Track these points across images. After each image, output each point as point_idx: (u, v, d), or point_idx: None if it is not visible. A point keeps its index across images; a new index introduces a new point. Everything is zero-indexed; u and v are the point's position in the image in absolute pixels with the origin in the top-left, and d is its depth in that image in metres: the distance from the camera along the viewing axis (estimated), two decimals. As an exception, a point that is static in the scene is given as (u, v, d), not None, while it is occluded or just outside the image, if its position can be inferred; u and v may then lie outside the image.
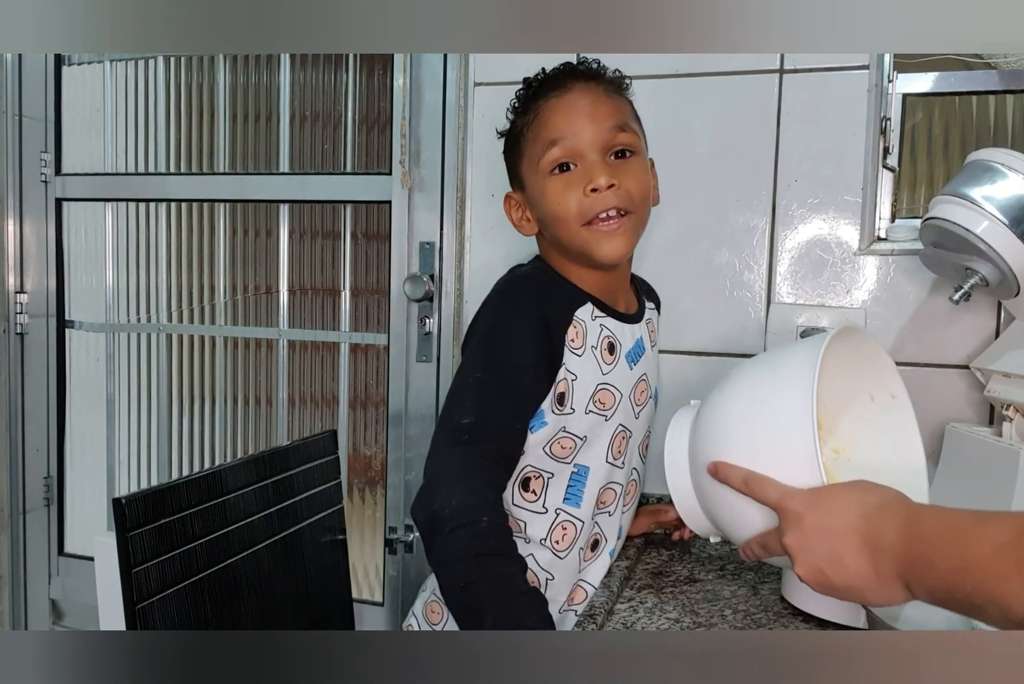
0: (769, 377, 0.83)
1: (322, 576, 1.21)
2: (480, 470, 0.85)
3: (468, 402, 0.88)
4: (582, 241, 0.93)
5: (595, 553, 1.02)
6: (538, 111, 0.95)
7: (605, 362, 0.97)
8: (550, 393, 0.93)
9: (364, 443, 1.72)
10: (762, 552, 0.77)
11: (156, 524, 0.94)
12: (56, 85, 1.82)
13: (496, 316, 0.93)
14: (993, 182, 0.97)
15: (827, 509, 0.66)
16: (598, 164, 0.92)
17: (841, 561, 0.64)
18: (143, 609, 0.91)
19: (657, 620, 0.95)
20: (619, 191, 0.91)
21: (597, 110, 0.93)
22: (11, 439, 1.81)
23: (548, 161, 0.93)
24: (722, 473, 0.79)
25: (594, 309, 0.97)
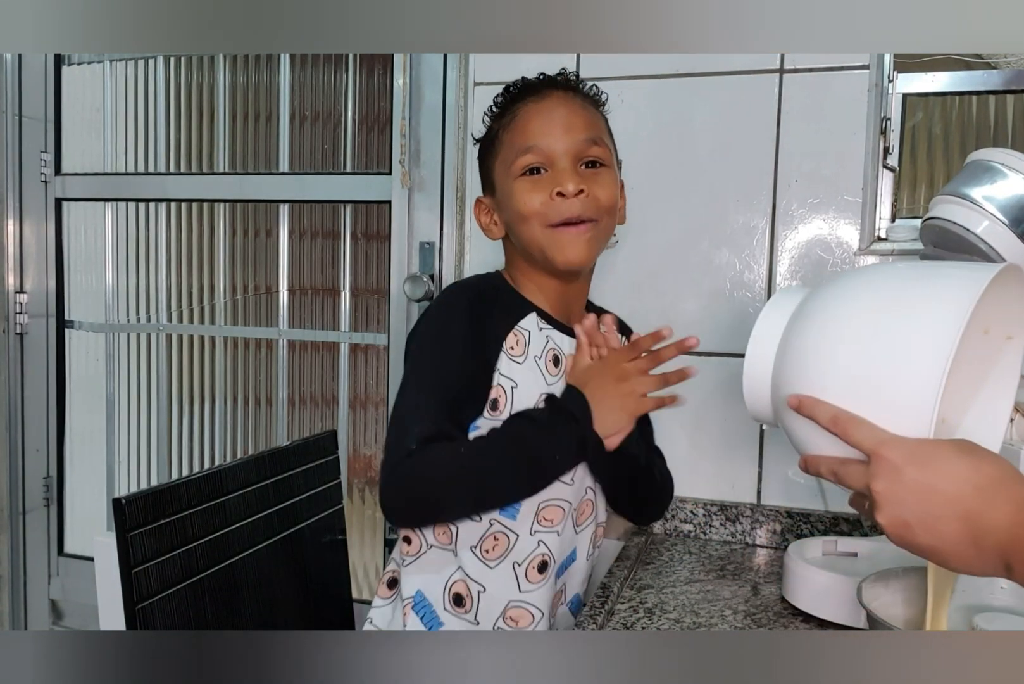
0: (904, 304, 0.68)
1: (322, 576, 1.21)
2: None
3: (409, 414, 0.90)
4: (544, 242, 0.94)
5: (543, 576, 0.95)
6: (515, 115, 0.96)
7: (550, 373, 0.96)
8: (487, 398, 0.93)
9: (364, 443, 1.72)
10: (831, 477, 0.71)
11: (156, 524, 0.94)
12: (56, 85, 1.82)
13: (434, 324, 0.95)
14: (993, 182, 0.97)
15: (934, 469, 0.62)
16: (568, 171, 0.93)
17: (937, 524, 0.61)
18: (143, 609, 0.91)
19: (657, 620, 0.95)
20: (586, 198, 0.93)
21: (572, 120, 0.95)
22: (11, 439, 1.81)
23: (520, 165, 0.94)
24: (807, 408, 0.70)
25: (539, 320, 0.97)
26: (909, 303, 0.67)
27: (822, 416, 0.68)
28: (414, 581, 0.96)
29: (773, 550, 1.22)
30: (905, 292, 0.69)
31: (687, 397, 1.29)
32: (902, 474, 0.63)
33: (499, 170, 0.98)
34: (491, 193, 1.01)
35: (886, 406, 0.66)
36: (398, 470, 0.86)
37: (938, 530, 0.61)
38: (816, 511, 1.23)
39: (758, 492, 1.27)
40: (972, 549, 0.60)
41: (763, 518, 1.24)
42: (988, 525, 0.59)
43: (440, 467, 0.86)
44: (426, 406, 0.89)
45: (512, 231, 0.98)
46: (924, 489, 0.62)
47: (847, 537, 1.08)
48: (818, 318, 0.72)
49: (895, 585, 0.84)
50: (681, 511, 1.28)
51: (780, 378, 0.74)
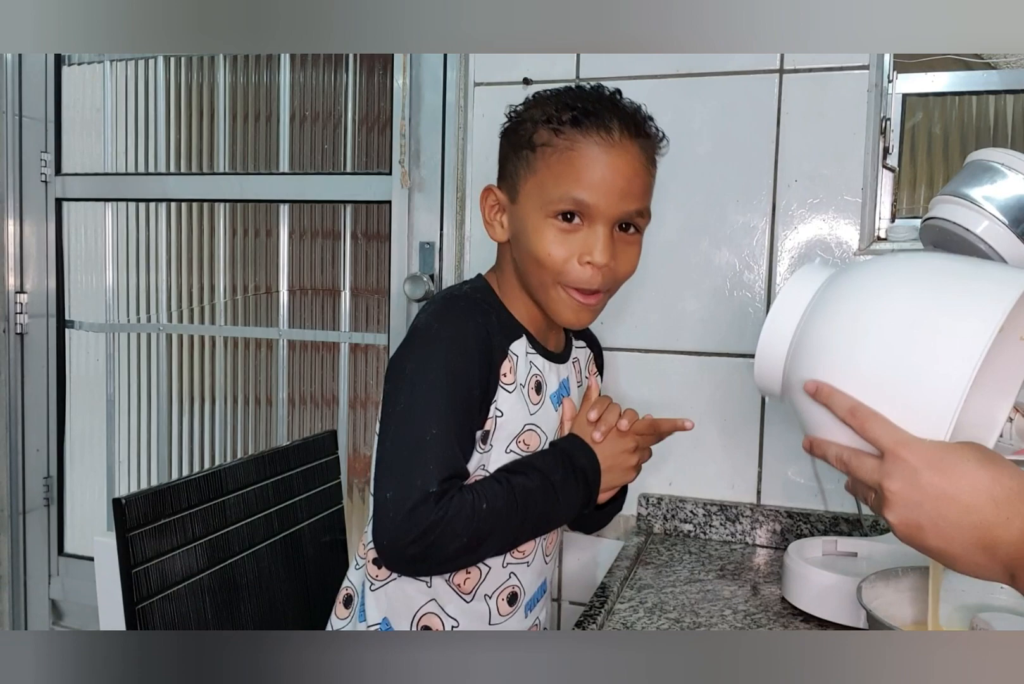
0: (940, 304, 0.66)
1: (322, 576, 1.21)
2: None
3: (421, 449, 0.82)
4: (551, 297, 0.89)
5: (513, 608, 0.94)
6: (574, 146, 0.85)
7: (532, 402, 0.92)
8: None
9: (364, 443, 1.72)
10: (838, 464, 0.70)
11: (156, 524, 0.94)
12: (56, 85, 1.82)
13: (438, 348, 0.86)
14: (993, 182, 0.97)
15: (953, 476, 0.62)
16: (604, 239, 0.86)
17: (949, 529, 0.61)
18: (143, 609, 0.91)
19: (657, 620, 0.95)
20: (607, 271, 0.87)
21: (632, 185, 0.87)
22: (11, 439, 1.81)
23: (557, 208, 0.86)
24: (824, 395, 0.69)
25: (527, 344, 0.93)
26: (945, 304, 0.66)
27: (839, 406, 0.68)
28: (380, 607, 0.92)
29: (773, 550, 1.22)
30: (942, 291, 0.67)
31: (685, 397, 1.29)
32: (919, 477, 0.63)
33: (530, 190, 0.88)
34: (509, 197, 0.91)
35: (906, 405, 0.65)
36: (417, 515, 0.79)
37: (950, 535, 0.62)
38: (816, 511, 1.23)
39: (758, 492, 1.27)
40: (982, 557, 0.60)
41: (763, 518, 1.24)
42: (1000, 537, 0.60)
43: (461, 524, 0.80)
44: (439, 443, 0.82)
45: (521, 260, 0.91)
46: (940, 495, 0.62)
47: (847, 537, 1.08)
48: (850, 304, 0.70)
49: (895, 585, 0.84)
50: (681, 511, 1.28)
51: (798, 358, 0.73)
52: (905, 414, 0.65)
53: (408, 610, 0.91)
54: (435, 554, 0.81)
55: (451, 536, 0.80)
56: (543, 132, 0.87)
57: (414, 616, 0.91)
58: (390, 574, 0.92)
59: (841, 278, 0.73)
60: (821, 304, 0.72)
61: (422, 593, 0.91)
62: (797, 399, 0.73)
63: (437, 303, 0.91)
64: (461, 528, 0.80)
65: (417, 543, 0.79)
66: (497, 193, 0.93)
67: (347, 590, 0.99)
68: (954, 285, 0.68)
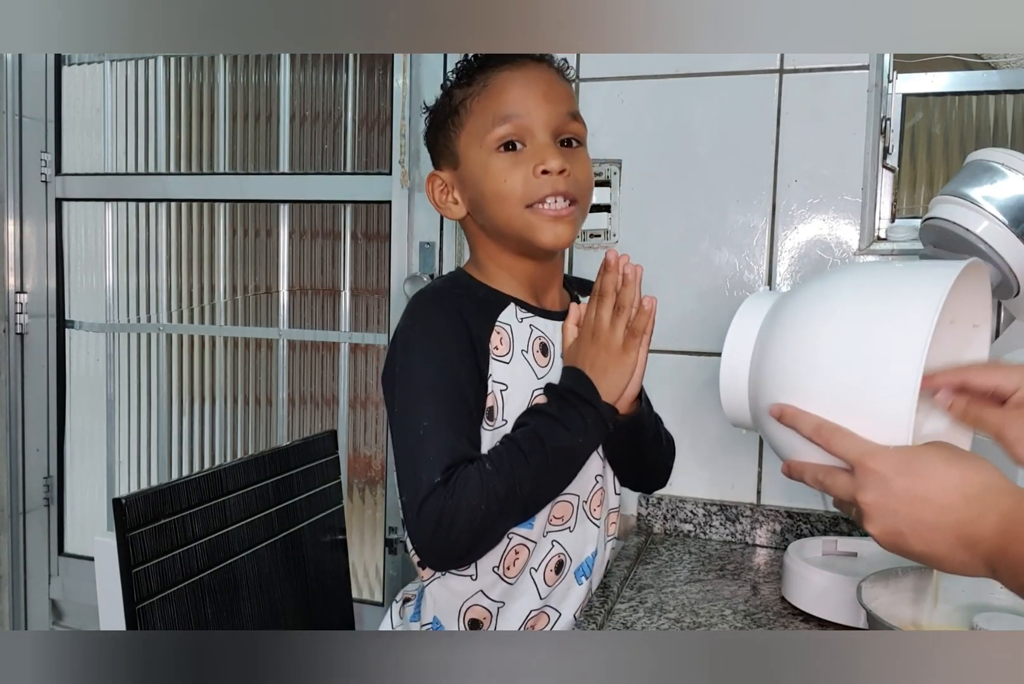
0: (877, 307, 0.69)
1: (322, 576, 1.21)
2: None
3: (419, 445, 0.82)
4: (523, 223, 0.87)
5: (559, 576, 0.92)
6: (487, 82, 0.89)
7: (539, 365, 0.91)
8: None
9: (364, 443, 1.72)
10: (815, 485, 0.71)
11: (156, 524, 0.94)
12: (56, 85, 1.82)
13: (416, 343, 0.87)
14: (993, 182, 0.97)
15: (922, 479, 0.63)
16: (550, 146, 0.87)
17: (929, 533, 0.62)
18: (143, 609, 0.91)
19: (657, 620, 0.95)
20: (568, 178, 0.87)
21: (553, 91, 0.89)
22: (11, 439, 1.81)
23: (496, 137, 0.87)
24: (789, 417, 0.70)
25: (518, 309, 0.91)
26: (877, 311, 0.68)
27: (805, 426, 0.69)
28: (429, 606, 0.92)
29: (773, 550, 1.22)
30: (873, 299, 0.70)
31: (685, 397, 1.29)
32: (891, 485, 0.63)
33: (465, 142, 0.90)
34: (451, 167, 0.92)
35: (866, 415, 0.66)
36: (427, 508, 0.79)
37: (931, 538, 0.62)
38: (816, 511, 1.23)
39: (758, 492, 1.27)
40: (965, 554, 0.61)
41: (763, 518, 1.24)
42: (978, 533, 0.60)
43: (475, 496, 0.79)
44: (436, 432, 0.83)
45: (481, 210, 0.90)
46: (914, 499, 0.63)
47: (847, 537, 1.08)
48: (791, 327, 0.72)
49: (895, 585, 0.84)
50: (681, 511, 1.28)
51: (757, 386, 0.75)
52: (867, 424, 0.66)
53: (454, 606, 0.90)
54: (462, 537, 0.80)
55: (469, 513, 0.79)
56: (458, 92, 0.91)
57: (460, 610, 0.90)
58: (433, 573, 0.91)
59: (784, 305, 0.76)
60: (769, 334, 0.75)
61: (467, 585, 0.89)
62: (768, 427, 0.74)
63: (410, 305, 0.91)
64: (477, 500, 0.79)
65: (438, 534, 0.79)
66: (440, 174, 0.94)
67: (409, 594, 0.99)
68: (888, 292, 0.70)
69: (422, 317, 0.88)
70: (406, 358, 0.87)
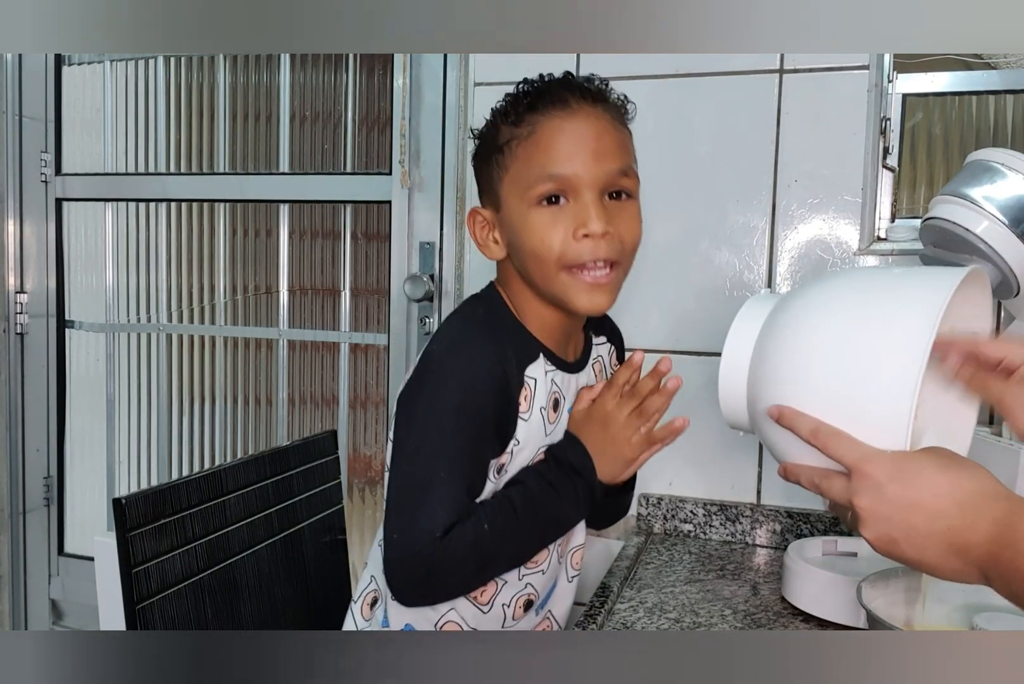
0: (877, 313, 0.68)
1: (322, 576, 1.21)
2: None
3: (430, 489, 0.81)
4: (561, 287, 0.83)
5: (527, 613, 0.94)
6: (535, 128, 0.83)
7: (549, 421, 0.89)
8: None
9: (364, 443, 1.72)
10: (811, 487, 0.71)
11: (156, 524, 0.94)
12: (56, 85, 1.82)
13: (451, 381, 0.83)
14: (993, 182, 0.97)
15: (916, 485, 0.63)
16: (594, 206, 0.81)
17: (922, 539, 0.62)
18: (143, 609, 0.91)
19: (657, 620, 0.95)
20: (611, 240, 0.82)
21: (603, 144, 0.83)
22: (11, 439, 1.81)
23: (538, 193, 0.82)
24: (787, 420, 0.70)
25: (546, 363, 0.88)
26: (878, 315, 0.68)
27: (802, 428, 0.69)
28: (404, 615, 0.91)
29: (773, 550, 1.22)
30: (874, 304, 0.69)
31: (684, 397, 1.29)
32: (885, 491, 0.64)
33: (508, 188, 0.85)
34: (493, 208, 0.88)
35: (864, 419, 0.66)
36: (419, 558, 0.79)
37: (923, 545, 0.62)
38: (816, 511, 1.23)
39: (758, 492, 1.27)
40: (957, 562, 0.61)
41: (763, 518, 1.24)
42: (970, 540, 0.60)
43: (466, 554, 0.80)
44: (447, 485, 0.80)
45: (520, 262, 0.86)
46: (907, 505, 0.63)
47: (847, 537, 1.08)
48: (791, 330, 0.72)
49: (895, 585, 0.84)
50: (681, 511, 1.28)
51: (756, 388, 0.75)
52: (865, 428, 0.66)
53: (430, 620, 0.90)
54: (443, 588, 0.83)
55: (457, 567, 0.81)
56: (505, 130, 0.85)
57: (435, 625, 0.90)
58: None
59: (784, 308, 0.75)
60: (768, 337, 0.75)
61: (443, 604, 0.89)
62: (765, 429, 0.74)
63: (453, 329, 0.88)
64: (467, 558, 0.80)
65: (423, 584, 0.81)
66: (481, 212, 0.89)
67: (373, 592, 0.97)
68: (888, 298, 0.69)
69: (465, 354, 0.84)
70: (439, 395, 0.83)
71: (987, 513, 0.60)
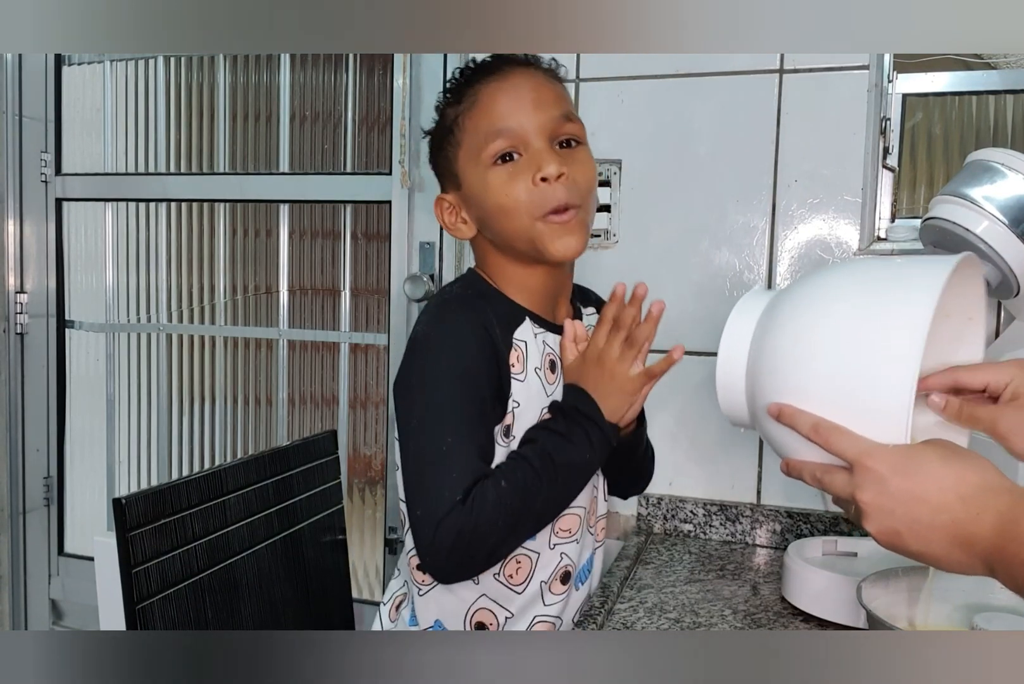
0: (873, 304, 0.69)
1: (322, 576, 1.21)
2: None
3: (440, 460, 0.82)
4: (535, 234, 0.86)
5: (566, 586, 0.93)
6: (476, 97, 0.88)
7: (548, 382, 0.91)
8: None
9: (364, 443, 1.72)
10: (813, 483, 0.71)
11: (156, 524, 0.94)
12: (56, 85, 1.82)
13: (441, 353, 0.85)
14: (993, 182, 0.97)
15: (919, 478, 0.63)
16: (546, 151, 0.86)
17: (926, 532, 0.62)
18: (143, 609, 0.91)
19: (657, 620, 0.95)
20: (568, 182, 0.85)
21: (541, 95, 0.88)
22: (11, 439, 1.81)
23: (491, 152, 0.86)
24: (787, 417, 0.70)
25: (533, 325, 0.91)
26: (873, 305, 0.68)
27: (802, 425, 0.69)
28: (431, 610, 0.91)
29: (773, 550, 1.22)
30: (872, 297, 0.69)
31: (685, 397, 1.29)
32: (887, 485, 0.64)
33: (464, 161, 0.89)
34: (455, 188, 0.92)
35: (863, 413, 0.66)
36: (445, 526, 0.79)
37: (927, 537, 0.62)
38: (816, 511, 1.23)
39: (758, 492, 1.27)
40: (961, 554, 0.61)
41: (763, 518, 1.24)
42: (974, 533, 0.60)
43: (491, 512, 0.80)
44: (458, 450, 0.82)
45: (489, 227, 0.90)
46: (910, 499, 0.63)
47: (847, 537, 1.08)
48: (787, 325, 0.72)
49: (895, 585, 0.84)
50: (681, 511, 1.28)
51: (755, 384, 0.75)
52: (864, 422, 0.66)
53: (459, 610, 0.90)
54: (478, 554, 0.81)
55: (487, 529, 0.80)
56: (450, 111, 0.90)
57: (467, 614, 0.90)
58: (434, 580, 0.90)
59: (779, 302, 0.75)
60: (765, 332, 0.75)
61: (471, 591, 0.89)
62: (766, 425, 0.74)
63: (431, 309, 0.90)
64: (493, 516, 0.80)
65: (456, 551, 0.79)
66: (445, 197, 0.93)
67: (398, 597, 0.97)
68: (883, 290, 0.69)
69: (447, 326, 0.87)
70: (430, 368, 0.85)
71: (991, 506, 0.60)
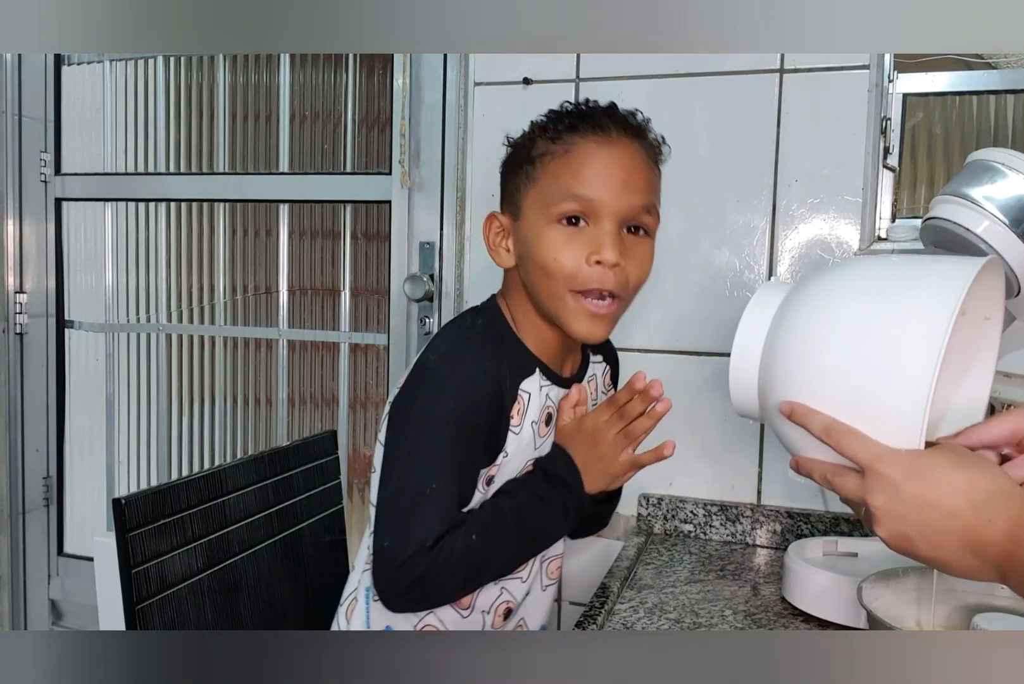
0: (891, 305, 0.67)
1: (322, 576, 1.21)
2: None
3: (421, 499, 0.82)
4: (564, 307, 0.84)
5: (505, 622, 0.94)
6: (571, 148, 0.84)
7: (540, 435, 0.90)
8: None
9: (364, 443, 1.72)
10: (823, 483, 0.71)
11: (156, 524, 0.94)
12: (56, 85, 1.82)
13: (447, 395, 0.83)
14: (993, 182, 0.97)
15: (931, 484, 0.63)
16: (611, 235, 0.82)
17: (937, 537, 0.62)
18: (143, 609, 0.91)
19: (657, 620, 0.95)
20: (620, 272, 0.83)
21: (633, 178, 0.84)
22: (11, 439, 1.81)
23: (561, 210, 0.83)
24: (799, 416, 0.69)
25: (541, 377, 0.89)
26: (894, 309, 0.67)
27: (815, 426, 0.68)
28: (384, 617, 0.91)
29: (773, 550, 1.22)
30: (890, 297, 0.68)
31: (684, 397, 1.29)
32: (900, 490, 0.63)
33: (532, 200, 0.86)
34: (512, 217, 0.88)
35: (877, 415, 0.66)
36: (408, 567, 0.80)
37: (939, 543, 0.62)
38: (816, 511, 1.23)
39: (758, 492, 1.27)
40: (973, 560, 0.61)
41: (763, 518, 1.24)
42: (986, 539, 0.60)
43: (455, 564, 0.81)
44: (440, 497, 0.81)
45: (528, 275, 0.87)
46: (922, 504, 0.63)
47: (847, 537, 1.08)
48: (803, 321, 0.71)
49: (895, 585, 0.84)
50: (681, 511, 1.28)
51: (767, 380, 0.74)
52: (878, 425, 0.66)
53: (410, 622, 0.91)
54: (431, 597, 0.84)
55: (446, 578, 0.82)
56: (541, 143, 0.86)
57: (415, 627, 0.91)
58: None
59: (794, 298, 0.74)
60: (780, 325, 0.73)
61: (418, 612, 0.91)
62: (777, 422, 0.73)
63: (448, 341, 0.88)
64: (455, 568, 0.81)
65: (412, 591, 0.81)
66: (500, 217, 0.90)
67: (350, 595, 0.98)
68: (901, 289, 0.68)
69: (462, 367, 0.85)
70: (433, 405, 0.84)
71: (1003, 512, 0.60)
